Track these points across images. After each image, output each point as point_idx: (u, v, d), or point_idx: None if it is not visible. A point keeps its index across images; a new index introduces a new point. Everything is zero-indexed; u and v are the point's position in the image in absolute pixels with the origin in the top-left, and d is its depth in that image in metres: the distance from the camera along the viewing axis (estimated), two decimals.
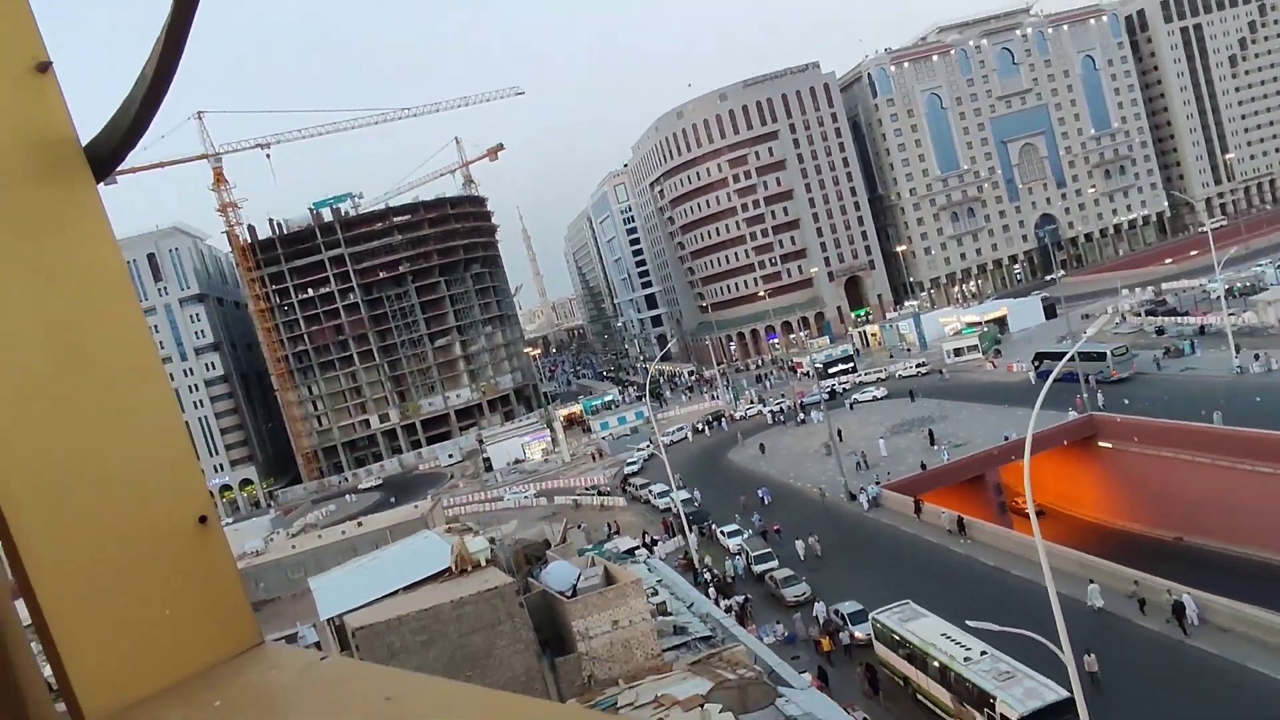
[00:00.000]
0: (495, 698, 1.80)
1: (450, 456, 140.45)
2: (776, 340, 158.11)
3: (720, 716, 21.09)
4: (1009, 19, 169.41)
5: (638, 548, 50.43)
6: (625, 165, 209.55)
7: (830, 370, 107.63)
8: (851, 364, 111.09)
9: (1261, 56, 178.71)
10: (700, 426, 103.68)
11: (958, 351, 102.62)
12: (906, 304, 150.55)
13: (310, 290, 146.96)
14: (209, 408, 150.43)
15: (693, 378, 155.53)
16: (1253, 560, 48.78)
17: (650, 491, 76.25)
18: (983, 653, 29.88)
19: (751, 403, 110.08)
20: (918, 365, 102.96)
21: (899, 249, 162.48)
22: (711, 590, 45.86)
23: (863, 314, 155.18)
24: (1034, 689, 27.43)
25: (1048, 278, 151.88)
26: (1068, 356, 32.40)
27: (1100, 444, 61.06)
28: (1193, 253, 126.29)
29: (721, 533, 58.12)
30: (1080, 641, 26.41)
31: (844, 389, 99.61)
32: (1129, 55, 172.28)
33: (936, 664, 31.11)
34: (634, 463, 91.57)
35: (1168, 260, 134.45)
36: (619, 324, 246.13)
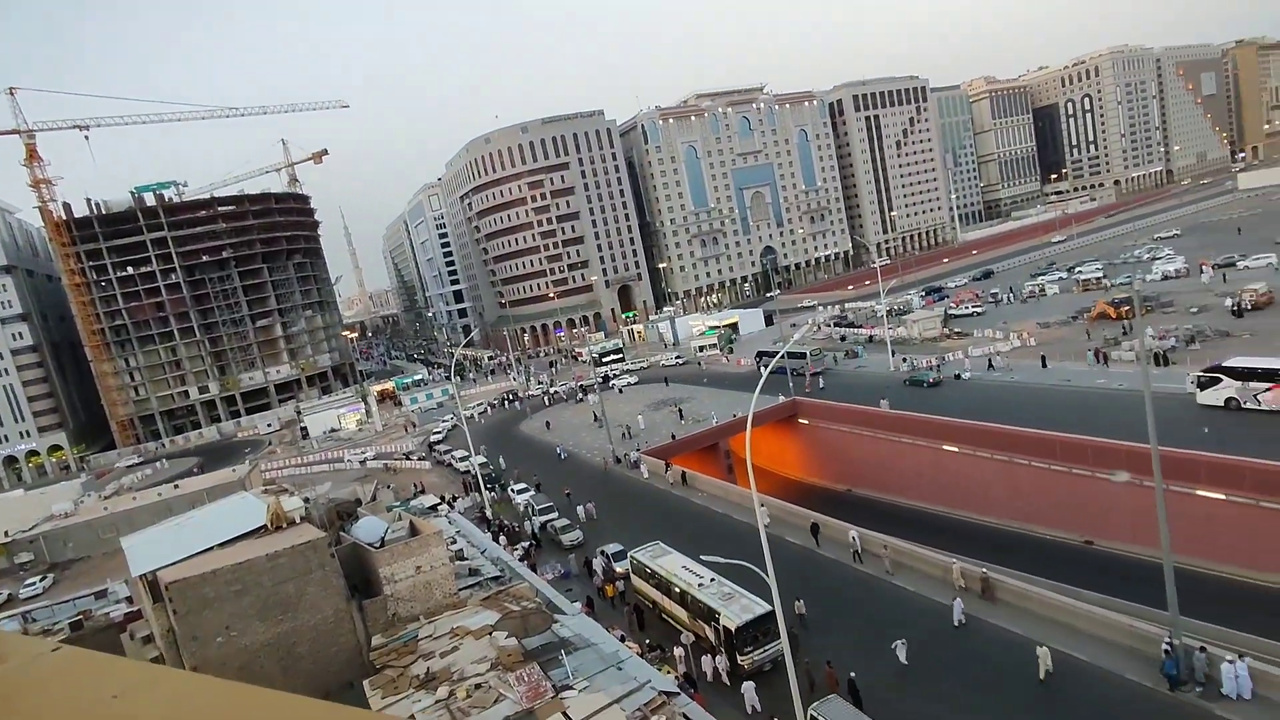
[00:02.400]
0: (231, 690, 1.51)
1: (269, 426, 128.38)
2: (562, 333, 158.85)
3: (506, 641, 20.97)
4: (748, 94, 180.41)
5: (440, 504, 48.81)
6: (439, 179, 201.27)
7: (604, 359, 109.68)
8: (621, 355, 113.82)
9: (915, 145, 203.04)
10: (496, 403, 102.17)
11: (702, 348, 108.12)
12: (665, 309, 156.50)
13: (130, 269, 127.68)
14: (14, 376, 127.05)
15: (493, 362, 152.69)
16: (902, 506, 55.39)
17: (453, 456, 74.08)
18: (712, 579, 31.68)
19: (541, 384, 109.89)
20: (675, 358, 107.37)
21: (661, 265, 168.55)
22: (502, 538, 45.39)
23: (631, 315, 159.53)
24: (748, 605, 29.53)
25: (768, 295, 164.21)
26: (779, 355, 35.17)
27: (800, 421, 66.21)
28: (866, 282, 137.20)
29: (513, 491, 57.61)
30: (786, 567, 28.58)
31: (614, 375, 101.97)
32: (831, 132, 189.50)
33: (678, 590, 32.60)
34: (439, 432, 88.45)
35: (850, 286, 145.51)
36: (430, 314, 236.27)
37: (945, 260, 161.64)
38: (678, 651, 30.02)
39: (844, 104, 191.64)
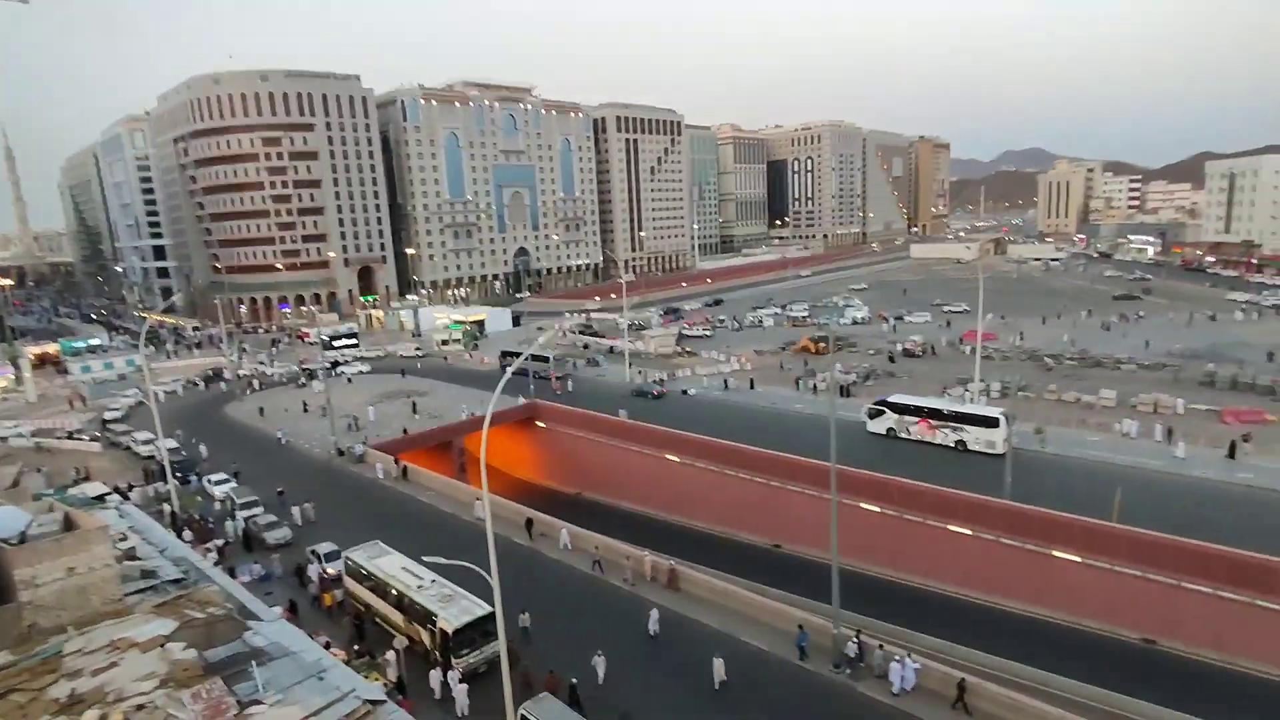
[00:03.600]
0: None
1: None
2: (288, 310, 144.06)
3: (184, 654, 18.29)
4: (517, 93, 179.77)
5: (109, 493, 41.29)
6: (148, 112, 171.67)
7: (335, 343, 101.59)
8: (355, 340, 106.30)
9: (668, 174, 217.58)
10: (199, 381, 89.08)
11: (445, 342, 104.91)
12: (409, 297, 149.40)
13: None
14: None
15: (199, 334, 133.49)
16: (627, 510, 58.33)
17: (133, 439, 63.24)
18: (433, 581, 30.65)
19: (261, 363, 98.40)
20: (416, 348, 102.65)
21: (409, 251, 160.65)
22: (187, 533, 39.65)
23: (371, 300, 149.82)
24: (468, 607, 28.98)
25: (517, 295, 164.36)
26: (523, 356, 35.23)
27: (538, 424, 66.91)
28: (612, 295, 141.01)
29: (210, 482, 50.71)
30: (512, 569, 28.46)
31: (346, 361, 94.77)
32: (593, 146, 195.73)
33: (395, 592, 31.02)
34: (117, 409, 75.03)
35: (596, 298, 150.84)
36: (119, 268, 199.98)
37: (684, 284, 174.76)
38: (389, 656, 28.51)
39: (608, 122, 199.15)
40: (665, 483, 56.51)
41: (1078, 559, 37.23)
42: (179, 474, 50.49)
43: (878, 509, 44.18)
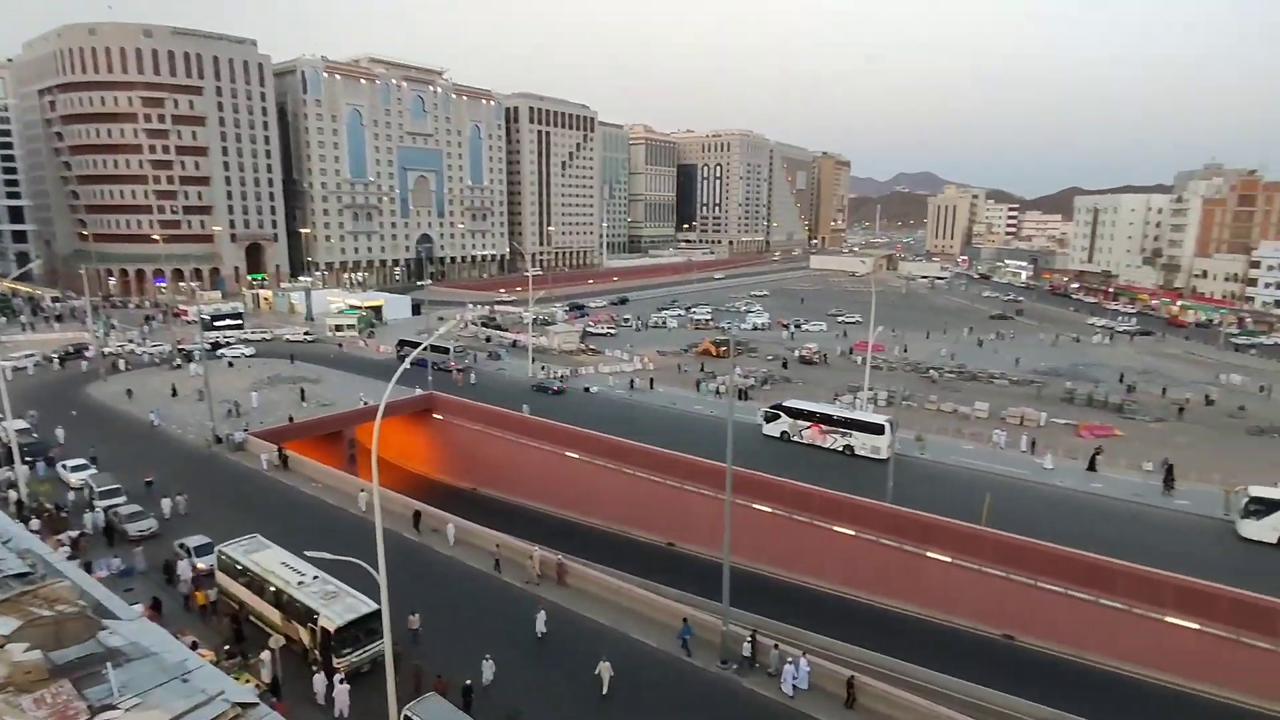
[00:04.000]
0: None
1: None
2: (165, 285, 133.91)
3: (26, 655, 16.68)
4: (427, 74, 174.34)
5: None
6: (9, 59, 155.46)
7: (217, 323, 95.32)
8: (240, 321, 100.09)
9: (579, 169, 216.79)
10: (57, 357, 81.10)
11: (339, 328, 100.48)
12: (302, 278, 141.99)
13: None
14: None
15: (60, 305, 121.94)
16: (523, 507, 57.60)
17: None
18: (315, 577, 29.24)
19: (131, 341, 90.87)
20: (305, 333, 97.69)
21: (304, 230, 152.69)
22: (36, 524, 36.10)
23: (260, 279, 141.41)
24: (352, 604, 27.78)
25: (419, 283, 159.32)
26: (423, 346, 34.14)
27: (434, 416, 65.19)
28: (518, 288, 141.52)
29: (64, 466, 46.40)
30: (400, 565, 27.41)
31: (228, 343, 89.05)
32: (505, 135, 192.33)
33: (273, 588, 29.36)
34: None
35: (502, 290, 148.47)
36: None
37: (590, 281, 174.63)
38: (264, 656, 26.95)
39: (520, 112, 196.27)
40: (563, 480, 56.23)
41: (949, 560, 39.70)
42: (29, 459, 45.94)
43: (770, 509, 45.57)
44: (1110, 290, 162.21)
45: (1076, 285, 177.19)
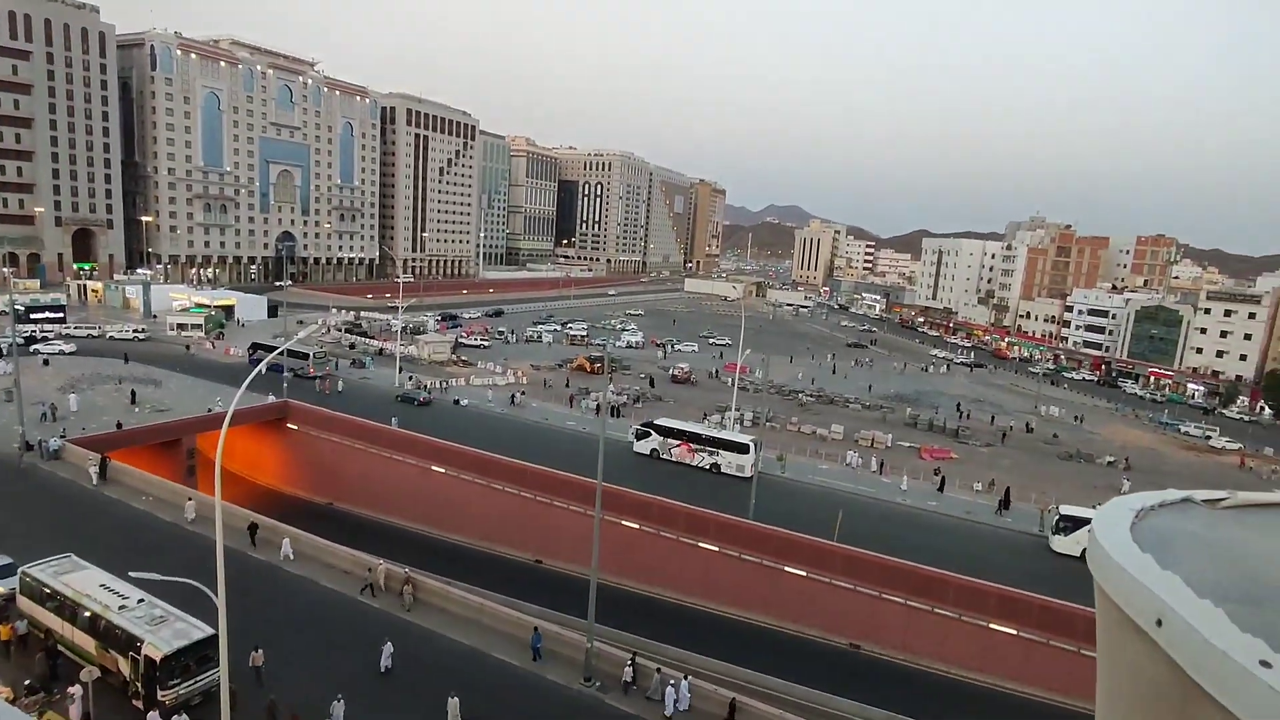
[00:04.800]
0: None
1: None
2: None
3: None
4: (297, 64, 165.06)
5: None
6: None
7: (34, 315, 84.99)
8: (61, 315, 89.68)
9: (457, 177, 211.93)
10: None
11: (182, 326, 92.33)
12: (140, 271, 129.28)
13: None
14: None
15: None
16: (383, 523, 55.02)
17: None
18: (140, 600, 26.53)
19: None
20: (135, 330, 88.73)
21: (145, 219, 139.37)
22: None
23: (89, 268, 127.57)
24: (183, 630, 25.45)
25: (277, 284, 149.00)
26: (278, 350, 31.99)
27: (289, 425, 61.20)
28: (387, 295, 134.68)
29: None
30: (241, 586, 25.20)
31: (46, 338, 79.56)
32: (379, 135, 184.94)
33: (89, 614, 26.32)
34: None
35: (369, 295, 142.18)
36: None
37: (465, 291, 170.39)
38: (73, 690, 24.06)
39: (397, 113, 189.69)
40: (427, 495, 54.29)
41: (804, 573, 41.74)
42: None
43: (637, 526, 46.09)
44: (950, 325, 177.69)
45: (922, 319, 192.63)
